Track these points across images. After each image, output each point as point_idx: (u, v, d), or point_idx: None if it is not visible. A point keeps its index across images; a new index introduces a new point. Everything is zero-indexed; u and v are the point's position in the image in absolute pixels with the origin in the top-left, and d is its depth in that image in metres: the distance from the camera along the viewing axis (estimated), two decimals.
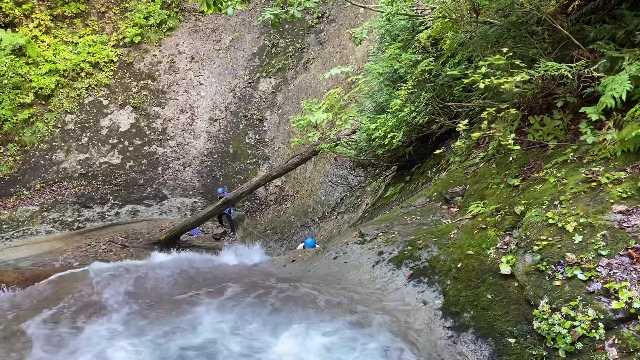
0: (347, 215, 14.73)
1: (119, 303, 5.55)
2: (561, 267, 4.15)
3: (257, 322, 4.85)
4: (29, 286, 6.68)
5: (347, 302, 5.05)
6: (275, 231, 18.20)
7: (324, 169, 17.49)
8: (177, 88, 22.26)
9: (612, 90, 4.48)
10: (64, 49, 21.20)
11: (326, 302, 5.11)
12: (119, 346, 4.54)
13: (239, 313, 5.09)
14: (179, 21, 22.93)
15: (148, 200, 20.83)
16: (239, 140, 21.61)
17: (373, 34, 10.52)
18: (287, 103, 21.25)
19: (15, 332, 4.95)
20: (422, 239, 5.63)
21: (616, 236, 4.13)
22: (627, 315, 3.67)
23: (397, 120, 8.21)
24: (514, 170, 5.74)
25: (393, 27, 8.99)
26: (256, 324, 4.82)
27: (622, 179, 4.52)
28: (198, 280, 6.53)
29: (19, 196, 19.47)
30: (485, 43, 6.29)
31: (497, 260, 4.69)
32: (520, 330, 4.10)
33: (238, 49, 22.61)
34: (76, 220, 19.68)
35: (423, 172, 8.89)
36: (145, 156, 21.22)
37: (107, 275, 6.35)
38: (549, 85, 5.35)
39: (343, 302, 5.06)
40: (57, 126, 20.69)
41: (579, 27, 5.45)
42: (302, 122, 9.22)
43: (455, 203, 6.45)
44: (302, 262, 7.43)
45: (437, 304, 4.80)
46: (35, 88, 20.19)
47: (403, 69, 8.14)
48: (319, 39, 21.26)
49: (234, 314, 5.07)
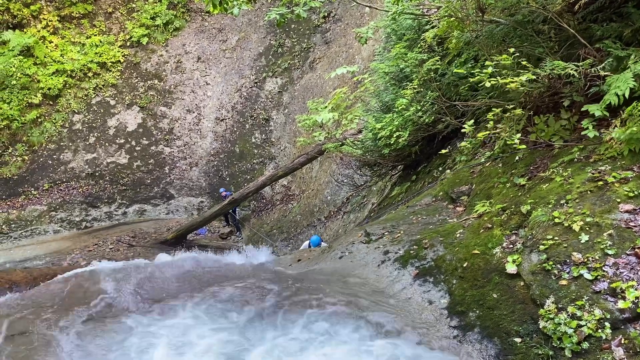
0: (353, 215, 14.73)
1: (131, 301, 5.58)
2: (567, 267, 4.14)
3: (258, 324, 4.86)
4: (37, 286, 6.73)
5: (352, 302, 5.06)
6: (282, 230, 18.23)
7: (330, 168, 17.49)
8: (184, 88, 22.34)
9: (616, 88, 4.48)
10: (71, 50, 21.33)
11: (330, 301, 5.11)
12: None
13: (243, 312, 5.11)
14: (186, 21, 23.00)
15: (155, 199, 20.93)
16: (245, 139, 21.66)
17: (379, 33, 10.52)
18: (293, 103, 21.28)
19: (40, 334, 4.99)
20: (427, 239, 5.63)
21: (623, 235, 4.12)
22: (633, 314, 3.66)
23: (403, 119, 8.21)
24: (520, 169, 5.72)
25: (399, 27, 8.99)
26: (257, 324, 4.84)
27: (629, 178, 4.50)
28: (204, 279, 6.55)
29: (27, 196, 19.62)
30: (491, 42, 6.27)
31: (503, 260, 4.68)
32: (526, 329, 4.09)
33: (244, 49, 22.67)
34: (84, 219, 19.81)
35: (429, 172, 8.88)
36: (152, 156, 21.32)
37: (114, 275, 6.38)
38: (555, 84, 5.33)
39: (349, 302, 5.07)
40: (65, 126, 20.82)
41: (585, 26, 5.43)
42: (308, 121, 9.24)
43: (461, 202, 6.44)
44: (307, 261, 7.45)
45: (443, 304, 4.80)
46: (43, 88, 20.33)
47: (409, 68, 8.14)
48: (325, 39, 21.27)
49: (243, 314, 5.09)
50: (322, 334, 4.55)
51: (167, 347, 4.50)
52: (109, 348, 4.57)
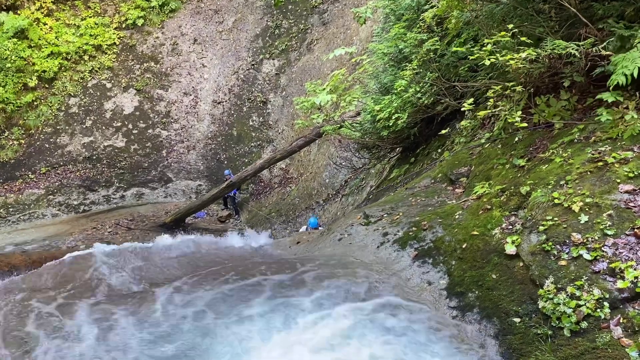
0: (351, 198, 14.73)
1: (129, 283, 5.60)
2: (567, 247, 4.15)
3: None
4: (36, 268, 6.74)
5: (351, 283, 5.07)
6: (280, 214, 18.25)
7: (328, 151, 17.44)
8: (180, 70, 22.14)
9: (623, 67, 4.42)
10: (66, 32, 21.06)
11: (330, 283, 5.13)
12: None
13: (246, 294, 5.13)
14: (182, 2, 22.70)
15: (153, 183, 20.88)
16: (242, 122, 21.55)
17: (377, 13, 10.40)
18: (290, 85, 21.12)
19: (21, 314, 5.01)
20: (426, 220, 5.63)
21: (622, 216, 4.12)
22: (632, 294, 3.68)
23: (401, 101, 8.15)
24: (519, 150, 5.70)
25: (398, 6, 8.88)
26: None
27: (629, 159, 4.49)
28: (201, 263, 6.57)
29: (25, 180, 19.55)
30: (491, 22, 6.20)
31: (502, 241, 4.69)
32: (525, 309, 4.11)
33: (241, 31, 22.42)
34: (82, 203, 19.78)
35: (428, 154, 8.85)
36: (150, 139, 21.21)
37: (113, 257, 6.39)
38: (556, 64, 5.28)
39: (348, 284, 5.08)
40: (61, 109, 20.67)
41: (586, 5, 5.36)
42: (306, 103, 9.17)
43: (460, 184, 6.43)
44: (307, 243, 7.46)
45: (442, 284, 4.82)
46: (39, 71, 20.11)
47: (408, 48, 8.06)
48: (322, 20, 21.04)
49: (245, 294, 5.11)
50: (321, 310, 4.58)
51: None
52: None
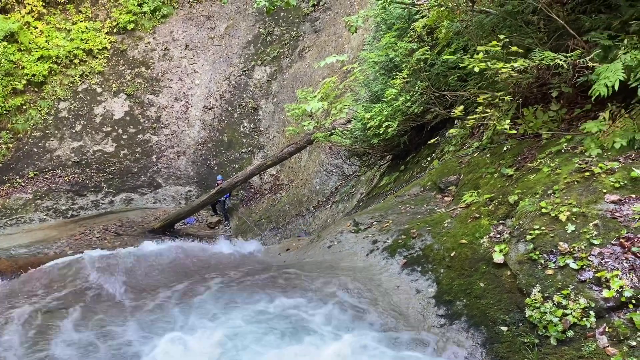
0: (341, 205, 14.74)
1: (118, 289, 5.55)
2: (554, 256, 4.18)
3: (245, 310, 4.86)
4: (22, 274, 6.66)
5: (340, 291, 5.06)
6: (270, 220, 18.21)
7: (319, 158, 17.46)
8: (172, 76, 22.10)
9: (605, 78, 4.47)
10: (56, 36, 20.97)
11: (318, 289, 5.12)
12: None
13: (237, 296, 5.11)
14: (173, 8, 22.70)
15: (142, 188, 20.77)
16: (233, 129, 21.53)
17: (369, 22, 10.46)
18: (282, 92, 21.15)
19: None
20: (416, 228, 5.65)
21: (608, 225, 4.16)
22: (617, 303, 3.70)
23: (392, 109, 8.19)
24: (508, 160, 5.75)
25: (389, 16, 8.94)
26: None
27: (615, 169, 4.54)
28: (191, 268, 6.53)
29: (12, 184, 19.37)
30: (481, 32, 6.27)
31: (490, 249, 4.71)
32: (512, 318, 4.13)
33: (233, 37, 22.45)
34: (70, 208, 19.62)
35: (418, 162, 8.90)
36: (140, 144, 21.12)
37: (100, 263, 6.33)
38: (544, 75, 5.34)
39: (336, 291, 5.08)
40: (51, 114, 20.53)
41: (574, 17, 5.44)
42: (297, 110, 9.17)
43: (449, 192, 6.46)
44: (296, 250, 7.45)
45: (430, 292, 4.83)
46: (28, 75, 19.98)
47: (398, 57, 8.11)
48: (314, 27, 21.13)
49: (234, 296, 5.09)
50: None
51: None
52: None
